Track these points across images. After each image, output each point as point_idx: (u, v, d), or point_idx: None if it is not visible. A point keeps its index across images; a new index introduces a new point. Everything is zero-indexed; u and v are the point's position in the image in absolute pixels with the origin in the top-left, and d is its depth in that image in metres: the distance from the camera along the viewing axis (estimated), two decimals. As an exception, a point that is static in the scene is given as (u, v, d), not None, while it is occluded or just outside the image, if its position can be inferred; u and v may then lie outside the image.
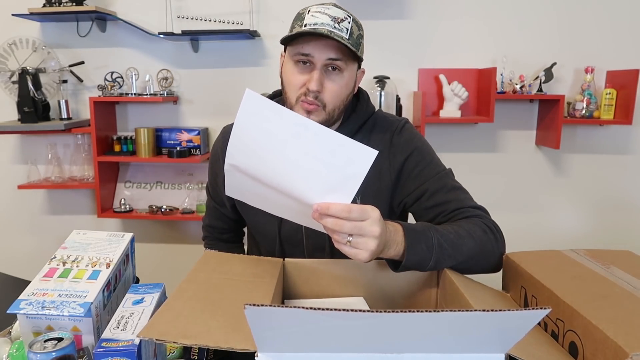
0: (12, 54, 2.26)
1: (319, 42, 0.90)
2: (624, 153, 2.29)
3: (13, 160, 2.42)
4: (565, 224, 2.36)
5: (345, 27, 0.91)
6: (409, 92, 2.27)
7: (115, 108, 2.35)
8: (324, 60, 0.91)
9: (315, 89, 0.91)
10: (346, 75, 0.94)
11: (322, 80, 0.92)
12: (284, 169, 0.70)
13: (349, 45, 0.89)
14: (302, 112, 0.94)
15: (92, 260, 0.84)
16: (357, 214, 0.70)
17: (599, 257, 0.85)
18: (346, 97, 0.98)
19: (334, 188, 0.69)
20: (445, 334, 0.51)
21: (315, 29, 0.88)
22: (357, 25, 0.94)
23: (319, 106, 0.93)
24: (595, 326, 0.60)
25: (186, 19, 2.23)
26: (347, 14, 0.93)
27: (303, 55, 0.92)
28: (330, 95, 0.94)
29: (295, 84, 0.94)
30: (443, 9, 2.19)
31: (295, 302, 0.86)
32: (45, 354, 0.63)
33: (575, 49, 2.18)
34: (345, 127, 1.03)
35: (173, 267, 2.38)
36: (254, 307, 0.46)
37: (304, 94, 0.93)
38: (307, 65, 0.93)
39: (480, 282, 0.86)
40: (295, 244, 1.07)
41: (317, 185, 0.69)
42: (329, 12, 0.91)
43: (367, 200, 1.02)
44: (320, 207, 0.69)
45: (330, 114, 0.95)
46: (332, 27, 0.89)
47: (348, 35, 0.90)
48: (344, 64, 0.93)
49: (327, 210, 0.69)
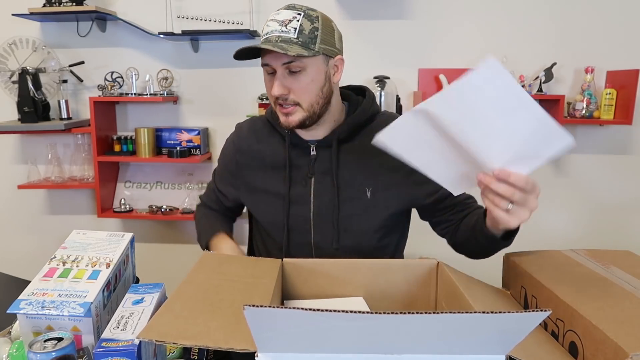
0: (12, 54, 2.26)
1: (271, 51, 0.94)
2: (624, 153, 2.29)
3: (13, 160, 2.42)
4: (565, 224, 2.36)
5: (293, 27, 0.93)
6: (409, 92, 2.27)
7: (115, 108, 2.35)
8: (281, 66, 0.96)
9: (277, 93, 0.96)
10: (310, 71, 0.96)
11: (284, 83, 0.97)
12: (483, 131, 0.73)
13: (288, 49, 0.90)
14: (282, 116, 1.01)
15: (92, 260, 0.84)
16: (531, 187, 0.74)
17: (599, 257, 0.85)
18: (320, 89, 0.99)
19: (520, 159, 0.73)
20: (445, 336, 0.51)
21: (266, 39, 0.95)
22: (309, 19, 0.95)
23: (294, 106, 0.98)
24: (595, 326, 0.60)
25: (186, 19, 2.23)
26: (296, 12, 0.94)
27: (266, 66, 0.98)
28: (299, 94, 0.98)
29: (269, 92, 1.00)
30: (443, 9, 2.19)
31: (294, 303, 0.86)
32: (45, 354, 0.63)
33: (575, 49, 2.18)
34: (347, 123, 1.06)
35: (173, 267, 2.38)
36: (253, 308, 0.47)
37: (277, 99, 0.99)
38: (273, 73, 0.98)
39: (480, 280, 0.86)
40: (302, 232, 1.09)
41: (506, 154, 0.73)
42: (278, 17, 0.95)
43: (378, 193, 1.03)
44: (502, 173, 0.73)
45: (309, 110, 0.99)
46: (280, 32, 0.93)
47: (297, 34, 0.93)
48: (301, 63, 0.95)
49: (508, 178, 0.72)
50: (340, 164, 1.06)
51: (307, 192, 1.07)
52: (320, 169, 1.07)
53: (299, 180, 1.07)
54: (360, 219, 1.06)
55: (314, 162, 1.07)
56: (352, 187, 1.05)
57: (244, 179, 1.14)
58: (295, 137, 1.08)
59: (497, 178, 0.73)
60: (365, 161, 1.05)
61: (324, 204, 1.06)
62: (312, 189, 1.07)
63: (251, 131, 1.15)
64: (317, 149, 1.07)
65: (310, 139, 1.07)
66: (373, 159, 1.04)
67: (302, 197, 1.07)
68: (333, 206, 1.05)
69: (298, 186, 1.07)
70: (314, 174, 1.07)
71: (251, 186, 1.13)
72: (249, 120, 1.20)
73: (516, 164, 0.73)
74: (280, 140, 1.10)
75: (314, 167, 1.07)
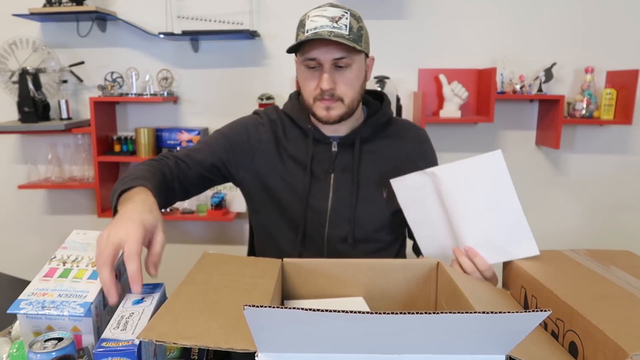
0: (12, 54, 2.26)
1: (322, 46, 0.97)
2: (624, 153, 2.29)
3: (13, 160, 2.42)
4: (565, 224, 2.36)
5: (344, 24, 0.97)
6: (409, 92, 2.27)
7: (115, 108, 2.35)
8: (330, 61, 0.98)
9: (327, 87, 0.99)
10: (355, 68, 1.01)
11: (332, 78, 1.00)
12: (470, 210, 0.89)
13: (348, 43, 0.95)
14: (321, 110, 1.03)
15: (92, 260, 0.84)
16: (490, 274, 0.88)
17: (599, 257, 0.85)
18: (359, 86, 1.04)
19: (490, 247, 0.88)
20: (445, 336, 0.51)
21: (315, 33, 0.95)
22: (355, 19, 0.99)
23: (337, 101, 1.02)
24: (595, 326, 0.60)
25: (186, 19, 2.23)
26: (344, 11, 0.98)
27: (311, 60, 1.00)
28: (344, 89, 1.01)
29: (309, 87, 1.03)
30: (443, 9, 2.19)
31: (294, 303, 0.86)
32: (45, 354, 0.63)
33: (575, 49, 2.18)
34: (368, 124, 1.11)
35: (173, 267, 2.37)
36: (253, 308, 0.46)
37: (320, 94, 1.01)
38: (316, 68, 1.01)
39: (480, 280, 0.86)
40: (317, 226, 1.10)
41: (480, 237, 0.89)
42: (326, 13, 0.97)
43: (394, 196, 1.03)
44: (471, 251, 0.88)
45: (349, 105, 1.04)
46: (332, 28, 0.95)
47: (348, 31, 0.96)
48: (350, 60, 0.99)
49: (474, 257, 0.87)
50: (361, 163, 1.10)
51: (327, 186, 1.09)
52: (340, 165, 1.10)
53: (319, 174, 1.09)
54: (374, 217, 1.10)
55: (335, 158, 1.10)
56: (370, 186, 1.09)
57: (259, 164, 1.12)
58: (318, 133, 1.10)
59: (466, 254, 0.89)
60: (383, 164, 1.10)
61: (342, 200, 1.09)
62: (331, 184, 1.09)
63: (273, 121, 1.15)
64: (338, 146, 1.10)
65: (332, 135, 1.10)
66: (390, 163, 1.10)
67: (321, 192, 1.09)
68: (351, 203, 1.08)
69: (318, 180, 1.09)
70: (334, 170, 1.09)
71: (266, 173, 1.11)
72: (268, 109, 1.18)
73: (485, 249, 0.88)
74: (300, 134, 1.12)
75: (334, 163, 1.10)
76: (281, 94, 2.26)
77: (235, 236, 2.46)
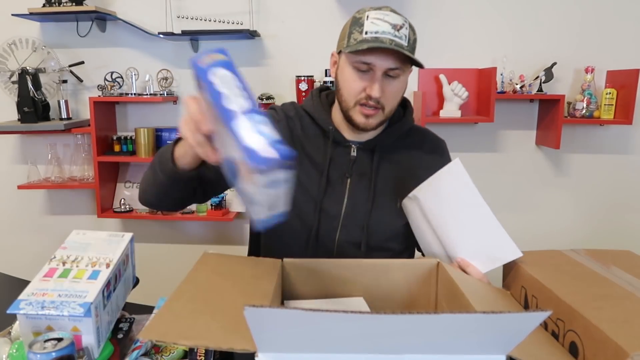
0: (12, 54, 2.26)
1: (380, 52, 0.94)
2: (624, 153, 2.29)
3: (13, 160, 2.42)
4: (565, 224, 2.36)
5: (404, 34, 0.94)
6: (409, 92, 2.26)
7: (115, 108, 2.35)
8: (384, 69, 0.96)
9: (377, 96, 0.96)
10: (402, 80, 1.00)
11: (382, 86, 0.97)
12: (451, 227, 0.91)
13: (410, 55, 0.93)
14: (360, 116, 1.00)
15: (92, 260, 0.84)
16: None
17: (599, 257, 0.85)
18: (401, 97, 1.05)
19: (477, 257, 0.90)
20: (445, 336, 0.51)
21: (377, 38, 0.92)
22: (412, 30, 0.98)
23: (379, 110, 1.00)
24: (596, 326, 0.60)
25: (186, 19, 2.23)
26: (404, 20, 0.96)
27: (364, 64, 0.96)
28: (389, 99, 1.00)
29: (355, 89, 0.99)
30: (443, 9, 2.19)
31: (294, 303, 0.86)
32: (45, 354, 0.63)
33: (575, 49, 2.18)
34: (389, 132, 1.10)
35: (173, 267, 2.37)
36: (253, 308, 0.46)
37: (364, 99, 0.98)
38: (367, 72, 0.97)
39: (479, 280, 0.86)
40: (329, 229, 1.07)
41: (467, 250, 0.90)
42: (388, 19, 0.94)
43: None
44: (463, 262, 0.90)
45: (387, 115, 1.03)
46: (393, 36, 0.93)
47: (407, 41, 0.94)
48: (401, 71, 0.97)
49: (466, 268, 0.89)
50: (380, 170, 1.08)
51: (342, 191, 1.08)
52: (358, 171, 1.08)
53: (335, 178, 1.08)
54: (388, 226, 1.08)
55: (354, 163, 1.08)
56: (386, 194, 1.08)
57: None
58: (339, 135, 1.08)
59: (459, 265, 0.90)
60: (400, 173, 1.09)
61: (357, 205, 1.07)
62: (347, 188, 1.08)
63: (290, 118, 1.12)
64: (357, 151, 1.09)
65: (353, 139, 1.09)
66: (408, 173, 1.08)
67: (336, 195, 1.07)
68: (365, 209, 1.06)
69: (334, 183, 1.08)
70: (351, 174, 1.08)
71: None
72: (286, 105, 1.16)
73: (475, 260, 0.89)
74: (318, 134, 1.10)
75: (352, 167, 1.08)
76: (281, 94, 2.26)
77: (235, 236, 2.46)
